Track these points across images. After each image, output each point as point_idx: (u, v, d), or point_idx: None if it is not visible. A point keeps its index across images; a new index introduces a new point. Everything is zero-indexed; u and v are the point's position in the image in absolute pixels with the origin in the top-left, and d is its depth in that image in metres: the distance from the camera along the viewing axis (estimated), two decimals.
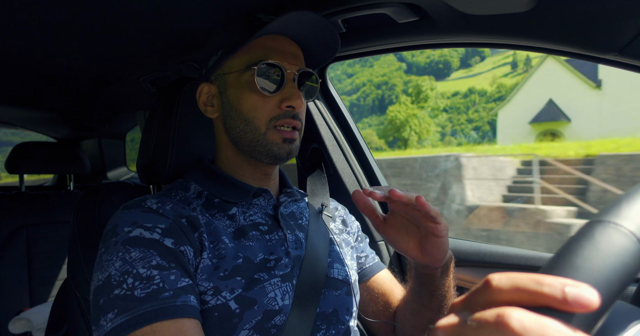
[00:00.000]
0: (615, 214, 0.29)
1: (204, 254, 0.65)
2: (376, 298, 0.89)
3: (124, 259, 0.59)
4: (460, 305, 0.29)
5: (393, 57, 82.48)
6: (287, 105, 0.72)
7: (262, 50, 0.73)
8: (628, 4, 0.61)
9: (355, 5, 0.87)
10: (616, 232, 0.28)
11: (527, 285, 0.26)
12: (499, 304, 0.26)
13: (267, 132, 0.73)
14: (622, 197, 0.31)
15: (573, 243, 0.28)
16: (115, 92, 1.68)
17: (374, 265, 0.92)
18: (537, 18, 0.72)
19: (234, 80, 0.75)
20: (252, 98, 0.73)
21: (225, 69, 0.76)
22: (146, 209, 0.66)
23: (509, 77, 66.59)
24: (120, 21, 1.01)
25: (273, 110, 0.73)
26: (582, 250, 0.27)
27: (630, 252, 0.27)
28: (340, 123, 1.33)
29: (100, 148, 2.54)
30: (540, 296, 0.25)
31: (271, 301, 0.66)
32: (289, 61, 0.74)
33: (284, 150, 0.74)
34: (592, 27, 0.67)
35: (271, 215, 0.78)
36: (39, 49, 1.19)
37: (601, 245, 0.27)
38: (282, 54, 0.74)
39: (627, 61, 0.68)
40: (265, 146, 0.73)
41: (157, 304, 0.55)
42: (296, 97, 0.72)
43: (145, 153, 0.88)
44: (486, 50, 78.06)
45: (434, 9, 0.82)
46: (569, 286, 0.24)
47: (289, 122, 0.73)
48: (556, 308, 0.24)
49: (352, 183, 1.27)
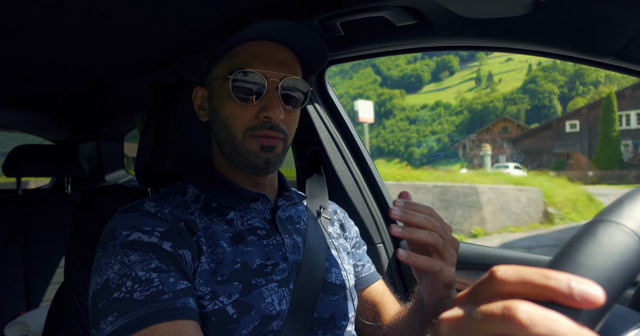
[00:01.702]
0: (617, 214, 0.30)
1: (202, 258, 0.65)
2: (368, 308, 0.89)
3: (123, 262, 0.59)
4: (465, 298, 0.28)
5: (371, 70, 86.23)
6: (265, 116, 0.70)
7: (245, 57, 0.71)
8: (625, 8, 0.62)
9: (354, 9, 0.87)
10: (618, 231, 0.28)
11: (533, 278, 0.25)
12: (504, 296, 0.26)
13: (245, 141, 0.72)
14: (623, 197, 0.32)
15: (576, 242, 0.29)
16: (113, 94, 1.68)
17: (369, 275, 0.92)
18: (535, 22, 0.72)
19: (218, 86, 0.74)
20: (231, 106, 0.72)
21: (213, 74, 0.76)
22: (144, 213, 0.66)
23: (472, 92, 70.21)
24: (119, 24, 1.01)
25: (251, 120, 0.71)
26: (585, 248, 0.28)
27: (632, 251, 0.27)
28: (339, 126, 1.33)
29: (99, 151, 2.54)
30: (546, 290, 0.25)
31: (268, 307, 0.66)
32: (273, 68, 0.71)
33: (260, 159, 0.72)
34: (589, 30, 0.67)
35: (269, 219, 0.78)
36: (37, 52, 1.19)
37: (604, 243, 0.28)
38: (266, 61, 0.71)
39: (623, 65, 0.69)
40: (243, 155, 0.72)
41: (156, 306, 0.55)
42: (274, 107, 0.70)
43: (143, 155, 0.88)
44: (455, 64, 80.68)
45: (432, 13, 0.82)
46: (575, 281, 0.24)
47: (265, 133, 0.71)
48: (561, 303, 0.24)
49: (351, 185, 1.27)
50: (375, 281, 0.92)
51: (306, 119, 1.25)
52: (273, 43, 0.73)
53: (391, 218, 1.31)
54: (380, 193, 1.32)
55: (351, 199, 1.25)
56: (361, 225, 1.25)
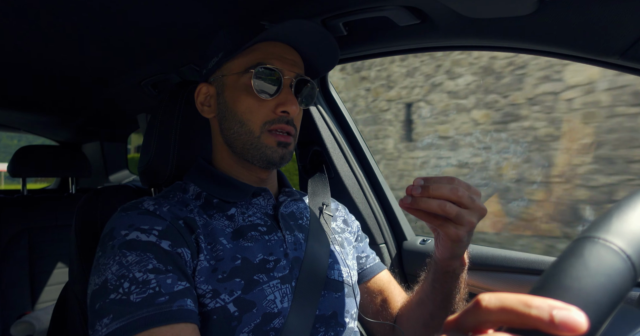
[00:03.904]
0: (605, 230, 0.29)
1: (201, 256, 0.65)
2: (375, 299, 0.89)
3: (121, 263, 0.59)
4: (453, 324, 0.29)
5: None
6: (282, 111, 0.73)
7: (262, 54, 0.74)
8: (630, 7, 0.61)
9: (357, 9, 0.87)
10: (605, 250, 0.27)
11: (515, 307, 0.25)
12: (489, 325, 0.26)
13: (262, 135, 0.73)
14: (612, 209, 0.30)
15: (562, 262, 0.28)
16: (117, 95, 1.68)
17: (374, 266, 0.92)
18: (539, 21, 0.72)
19: (232, 82, 0.75)
20: (248, 101, 0.73)
21: (224, 71, 0.77)
22: (143, 211, 0.66)
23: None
24: (122, 25, 1.01)
25: (268, 114, 0.73)
26: (571, 269, 0.27)
27: (620, 271, 0.27)
28: (341, 126, 1.33)
29: (102, 151, 2.55)
30: (528, 319, 0.25)
31: (270, 304, 0.66)
32: (287, 67, 0.74)
33: (277, 154, 0.74)
34: (594, 30, 0.67)
35: (271, 215, 0.78)
36: (41, 53, 1.20)
37: (590, 264, 0.27)
38: (281, 59, 0.74)
39: (628, 64, 0.68)
40: (259, 149, 0.74)
41: (152, 309, 0.55)
42: (291, 102, 0.72)
43: (146, 156, 0.89)
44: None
45: (435, 13, 0.82)
46: (557, 308, 0.24)
47: (282, 127, 0.73)
48: (544, 332, 0.24)
49: (354, 185, 1.27)
50: (381, 271, 0.92)
51: (309, 119, 1.25)
52: (284, 44, 0.76)
53: (393, 219, 1.31)
54: (383, 194, 1.31)
55: (354, 199, 1.25)
56: (364, 226, 1.25)
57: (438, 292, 0.73)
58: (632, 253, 0.27)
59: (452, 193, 0.57)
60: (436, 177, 0.59)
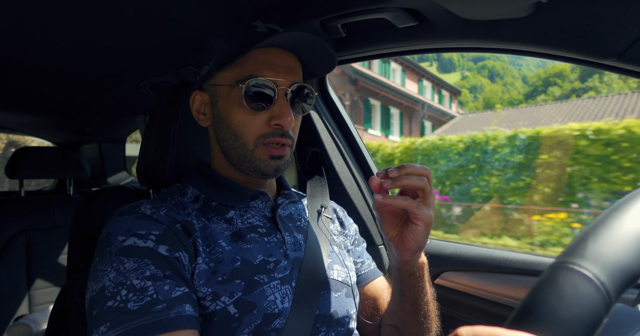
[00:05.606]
0: (579, 255, 0.29)
1: (199, 259, 0.65)
2: (369, 305, 0.89)
3: (118, 270, 0.58)
4: None
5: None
6: (276, 123, 0.71)
7: (253, 64, 0.70)
8: (627, 9, 0.62)
9: (355, 10, 0.87)
10: (580, 278, 0.27)
11: None
12: None
13: (255, 149, 0.72)
14: (587, 232, 0.30)
15: (538, 292, 0.28)
16: (115, 96, 1.68)
17: (369, 272, 0.92)
18: (537, 23, 0.72)
19: (224, 93, 0.73)
20: (241, 114, 0.71)
21: (216, 80, 0.75)
22: (140, 215, 0.65)
23: None
24: (121, 26, 1.01)
25: (262, 128, 0.71)
26: (546, 300, 0.27)
27: (594, 300, 0.27)
28: (340, 128, 1.33)
29: (101, 152, 2.54)
30: None
31: (271, 305, 0.66)
32: (282, 75, 0.71)
33: (271, 167, 0.73)
34: (591, 32, 0.67)
35: (269, 217, 0.78)
36: (39, 54, 1.19)
37: (565, 293, 0.27)
38: (274, 68, 0.71)
39: (625, 67, 0.68)
40: (253, 162, 0.73)
41: (150, 318, 0.55)
42: (285, 115, 0.70)
43: (145, 157, 0.88)
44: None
45: (433, 14, 0.82)
46: None
47: (277, 140, 0.72)
48: None
49: (352, 187, 1.27)
50: (376, 277, 0.92)
51: (308, 121, 1.25)
52: (279, 49, 0.73)
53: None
54: None
55: (352, 200, 1.25)
56: (362, 226, 1.25)
57: (407, 298, 0.75)
58: (606, 280, 0.27)
59: (417, 176, 0.65)
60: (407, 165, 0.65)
